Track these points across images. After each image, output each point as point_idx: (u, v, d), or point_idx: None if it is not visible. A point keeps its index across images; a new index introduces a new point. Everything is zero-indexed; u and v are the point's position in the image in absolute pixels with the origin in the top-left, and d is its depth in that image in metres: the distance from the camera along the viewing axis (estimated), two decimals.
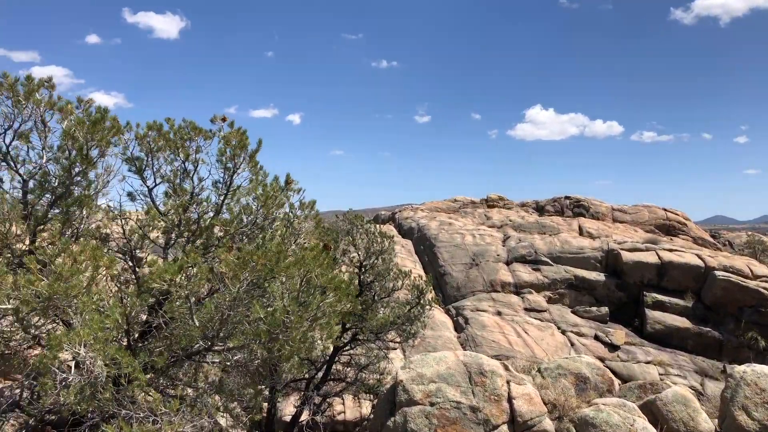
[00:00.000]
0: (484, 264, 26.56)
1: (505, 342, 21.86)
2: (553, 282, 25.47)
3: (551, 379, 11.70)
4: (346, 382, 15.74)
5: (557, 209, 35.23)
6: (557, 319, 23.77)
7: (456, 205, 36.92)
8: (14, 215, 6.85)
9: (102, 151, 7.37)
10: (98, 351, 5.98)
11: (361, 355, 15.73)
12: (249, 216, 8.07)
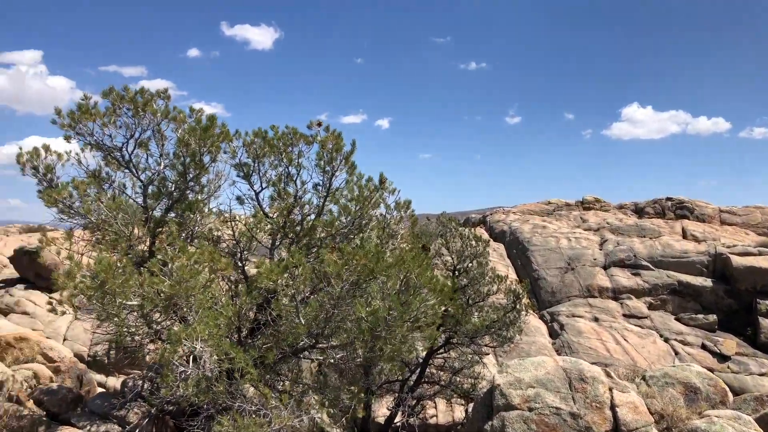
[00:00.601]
0: (579, 268, 25.75)
1: (602, 349, 21.09)
2: (654, 287, 24.30)
3: (657, 388, 11.16)
4: (439, 385, 15.72)
5: (658, 211, 33.60)
6: (659, 326, 22.66)
7: (550, 208, 36.02)
8: (137, 219, 7.38)
9: (213, 156, 7.80)
10: (213, 346, 6.33)
11: (455, 359, 15.67)
12: (347, 217, 8.26)
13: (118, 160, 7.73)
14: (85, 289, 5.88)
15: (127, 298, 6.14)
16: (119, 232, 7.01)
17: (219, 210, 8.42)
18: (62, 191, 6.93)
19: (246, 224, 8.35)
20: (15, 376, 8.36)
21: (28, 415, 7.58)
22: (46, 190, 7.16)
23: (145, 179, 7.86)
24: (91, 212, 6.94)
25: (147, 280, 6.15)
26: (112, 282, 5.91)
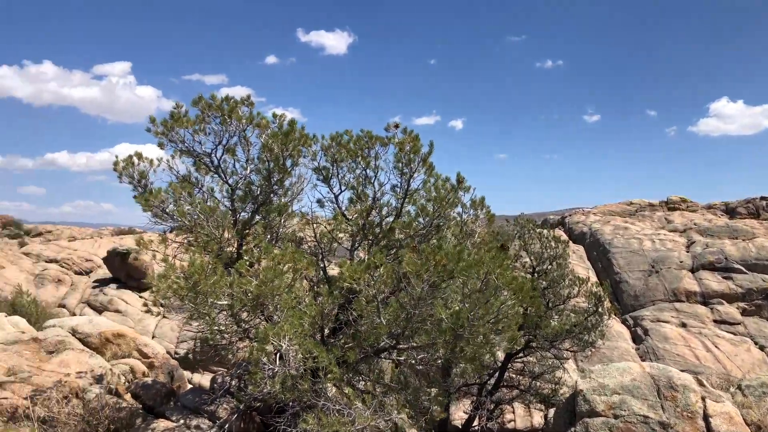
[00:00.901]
0: (665, 271, 24.71)
1: (691, 356, 20.15)
2: (748, 292, 22.99)
3: (754, 398, 10.55)
4: (518, 389, 15.49)
5: (751, 211, 31.76)
6: (754, 332, 21.42)
7: (632, 209, 34.74)
8: (226, 222, 7.70)
9: (294, 160, 8.02)
10: (298, 345, 6.50)
11: (535, 364, 15.39)
12: (425, 217, 8.28)
13: (208, 165, 8.09)
14: (178, 289, 6.18)
15: (217, 298, 6.41)
16: (210, 235, 7.33)
17: (301, 212, 8.66)
18: (157, 196, 7.33)
19: (326, 226, 8.54)
20: (113, 370, 8.89)
21: (126, 407, 8.04)
22: (141, 195, 7.59)
23: (233, 183, 8.18)
24: (185, 216, 7.30)
25: (236, 281, 6.40)
26: (204, 283, 6.19)
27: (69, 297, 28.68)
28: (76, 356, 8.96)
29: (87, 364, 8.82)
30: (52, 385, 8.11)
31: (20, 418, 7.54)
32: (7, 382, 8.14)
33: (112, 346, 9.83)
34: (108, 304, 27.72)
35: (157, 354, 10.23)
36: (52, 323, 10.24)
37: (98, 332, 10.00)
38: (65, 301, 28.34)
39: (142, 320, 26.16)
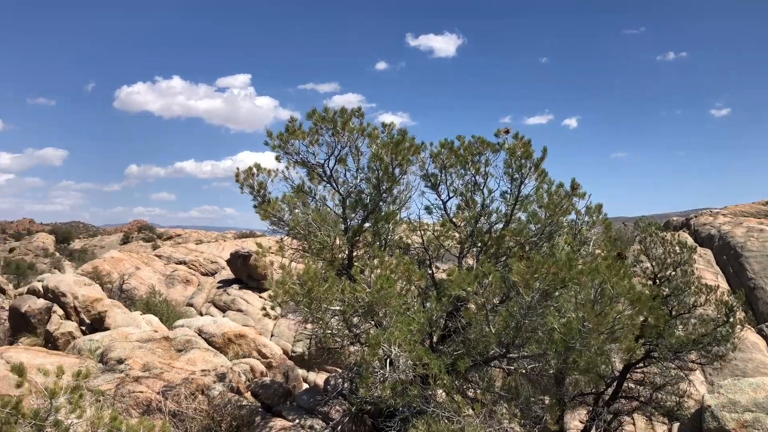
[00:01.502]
0: None
1: None
2: None
3: None
4: (638, 401, 14.69)
5: None
6: None
7: None
8: (338, 230, 7.95)
9: (404, 169, 8.13)
10: (408, 351, 6.59)
11: (656, 374, 14.54)
12: (536, 225, 8.10)
13: (321, 175, 8.39)
14: (294, 295, 6.47)
15: (330, 304, 6.64)
16: (323, 242, 7.61)
17: (409, 219, 8.74)
18: (274, 206, 7.71)
19: (434, 232, 8.57)
20: (235, 369, 9.44)
21: (247, 405, 8.51)
22: (260, 205, 8.02)
23: (344, 192, 8.43)
24: (300, 224, 7.63)
25: (348, 287, 6.59)
26: (317, 289, 6.44)
27: (196, 296, 30.58)
28: (202, 355, 9.60)
29: (211, 363, 9.42)
30: (180, 381, 8.74)
31: (153, 411, 8.19)
32: (143, 377, 8.88)
33: (234, 346, 10.43)
34: (231, 304, 29.27)
35: (274, 354, 10.74)
36: (180, 323, 11.05)
37: (221, 333, 10.66)
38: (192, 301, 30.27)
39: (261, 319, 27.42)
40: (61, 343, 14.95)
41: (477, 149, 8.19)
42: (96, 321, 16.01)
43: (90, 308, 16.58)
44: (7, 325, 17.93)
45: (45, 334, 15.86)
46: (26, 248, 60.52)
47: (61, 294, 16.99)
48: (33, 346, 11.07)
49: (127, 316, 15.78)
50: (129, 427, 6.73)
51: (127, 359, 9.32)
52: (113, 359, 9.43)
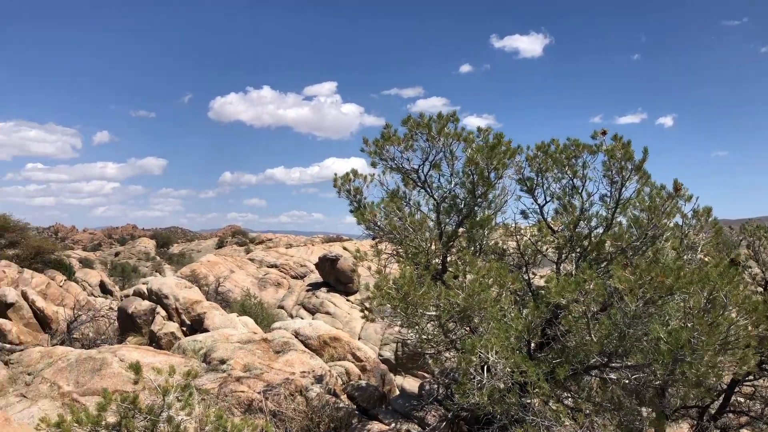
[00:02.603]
0: None
1: None
2: None
3: None
4: (748, 416, 13.78)
5: None
6: None
7: None
8: (433, 235, 7.98)
9: (499, 173, 8.05)
10: (506, 358, 6.50)
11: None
12: (638, 229, 7.77)
13: (415, 180, 8.45)
14: (391, 299, 6.54)
15: (426, 309, 6.66)
16: (418, 247, 7.66)
17: (504, 224, 8.64)
18: (371, 211, 7.84)
19: (530, 237, 8.43)
20: (331, 372, 9.64)
21: (344, 408, 8.67)
22: (356, 209, 8.18)
23: (438, 197, 8.45)
24: (396, 229, 7.71)
25: (443, 293, 6.59)
26: (414, 293, 6.47)
27: (286, 299, 31.45)
28: (299, 357, 9.88)
29: (308, 365, 9.67)
30: (280, 382, 9.02)
31: (255, 411, 8.49)
32: (244, 377, 9.23)
33: (329, 349, 10.67)
34: (319, 306, 29.89)
35: (368, 358, 10.88)
36: (277, 326, 11.41)
37: (317, 335, 10.93)
38: (283, 303, 31.16)
39: (349, 322, 27.88)
40: (164, 342, 15.77)
41: (573, 152, 7.99)
42: (195, 322, 16.80)
43: (190, 310, 17.42)
44: (116, 324, 19.10)
45: (149, 333, 16.80)
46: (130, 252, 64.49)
47: (164, 296, 17.94)
48: (141, 346, 11.76)
49: (224, 318, 16.46)
50: (234, 425, 7.03)
51: (229, 360, 9.72)
52: (216, 359, 9.86)
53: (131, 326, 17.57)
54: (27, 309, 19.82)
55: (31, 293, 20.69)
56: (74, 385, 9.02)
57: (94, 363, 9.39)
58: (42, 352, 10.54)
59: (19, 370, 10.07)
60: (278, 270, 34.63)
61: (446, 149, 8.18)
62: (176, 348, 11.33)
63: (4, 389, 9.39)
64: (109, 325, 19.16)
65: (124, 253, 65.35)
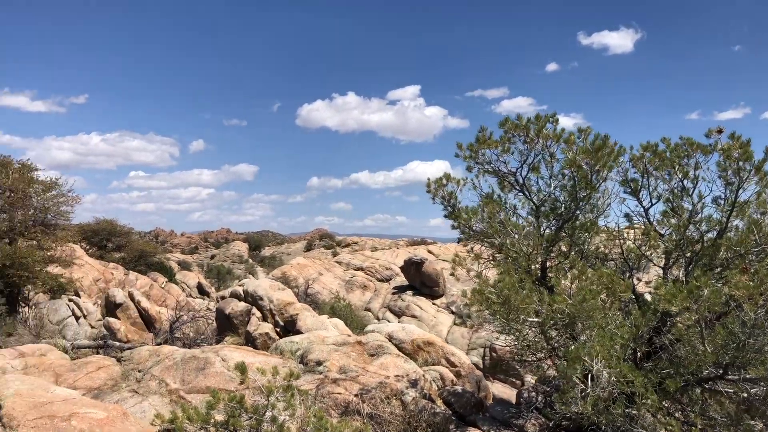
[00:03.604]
0: None
1: None
2: None
3: None
4: None
5: None
6: None
7: None
8: (535, 239, 7.79)
9: (602, 175, 7.75)
10: (611, 367, 6.24)
11: None
12: (759, 233, 7.25)
13: (512, 183, 8.30)
14: (491, 304, 6.43)
15: (528, 315, 6.50)
16: (519, 252, 7.50)
17: (606, 227, 8.32)
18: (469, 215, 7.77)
19: (635, 242, 8.06)
20: (426, 376, 9.61)
21: (440, 413, 8.61)
22: (451, 213, 8.13)
23: (537, 201, 8.25)
24: (497, 233, 7.60)
25: (547, 299, 6.41)
26: (515, 299, 6.34)
27: (373, 302, 31.72)
28: (394, 360, 9.91)
29: (403, 369, 9.69)
30: (375, 385, 9.08)
31: (351, 413, 8.59)
32: (340, 379, 9.36)
33: (423, 353, 10.65)
34: (405, 310, 29.95)
35: (463, 363, 10.79)
36: (370, 329, 11.52)
37: (411, 339, 10.94)
38: (370, 305, 31.48)
39: (435, 326, 27.78)
40: (259, 342, 16.28)
41: (685, 151, 7.57)
42: (288, 323, 17.25)
43: (283, 311, 17.89)
44: (214, 325, 19.92)
45: (245, 334, 17.39)
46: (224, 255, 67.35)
47: (259, 298, 18.52)
48: (241, 346, 12.18)
49: (315, 320, 16.80)
50: (333, 427, 7.15)
51: (325, 361, 9.90)
52: (312, 361, 10.06)
53: (228, 326, 18.25)
54: (133, 309, 21.07)
55: (136, 294, 21.97)
56: (180, 383, 9.43)
57: (198, 362, 9.79)
58: (150, 351, 11.13)
59: (130, 366, 10.66)
60: (364, 273, 35.00)
61: (545, 151, 7.97)
62: (273, 348, 11.66)
63: (117, 384, 9.97)
64: (208, 326, 19.97)
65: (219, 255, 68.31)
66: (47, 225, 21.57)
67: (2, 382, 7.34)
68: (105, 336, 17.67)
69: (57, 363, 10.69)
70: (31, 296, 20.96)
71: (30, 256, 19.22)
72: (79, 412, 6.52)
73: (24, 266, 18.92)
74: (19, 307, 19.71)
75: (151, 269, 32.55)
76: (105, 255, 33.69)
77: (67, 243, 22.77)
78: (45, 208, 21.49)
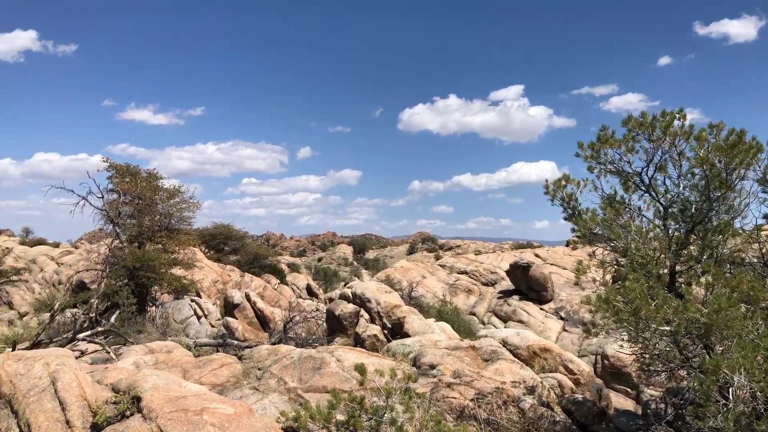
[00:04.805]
0: None
1: None
2: None
3: None
4: None
5: None
6: None
7: None
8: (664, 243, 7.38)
9: (739, 173, 7.21)
10: (757, 381, 5.77)
11: None
12: None
13: (637, 184, 7.92)
14: (618, 312, 6.14)
15: (659, 324, 6.15)
16: (646, 257, 7.13)
17: (742, 229, 7.73)
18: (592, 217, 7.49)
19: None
20: (543, 383, 9.35)
21: (560, 422, 8.36)
22: (571, 216, 7.87)
23: (665, 202, 7.81)
24: (620, 237, 7.27)
25: (680, 307, 6.04)
26: (646, 308, 6.01)
27: (478, 306, 31.35)
28: (509, 366, 9.73)
29: (519, 375, 9.49)
30: (491, 390, 8.95)
31: (467, 418, 8.51)
32: (454, 383, 9.30)
33: (539, 360, 10.39)
34: (512, 315, 29.39)
35: (582, 371, 10.41)
36: (483, 334, 11.39)
37: (526, 345, 10.71)
38: (474, 310, 31.12)
39: (543, 332, 27.00)
40: (367, 344, 16.51)
41: None
42: (396, 325, 17.40)
43: (390, 313, 18.08)
44: (324, 325, 20.46)
45: (354, 335, 17.72)
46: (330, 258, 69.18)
47: (367, 300, 18.82)
48: (354, 347, 12.41)
49: (422, 323, 16.83)
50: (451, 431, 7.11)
51: (438, 365, 9.88)
52: (425, 364, 10.08)
53: (338, 327, 18.68)
54: (249, 309, 22.07)
55: (252, 295, 23.01)
56: (298, 382, 9.73)
57: (314, 362, 10.06)
58: (269, 350, 11.59)
59: (251, 365, 11.15)
60: (468, 276, 34.67)
61: (673, 149, 7.53)
62: (385, 350, 11.79)
63: (239, 382, 10.44)
64: (318, 326, 20.53)
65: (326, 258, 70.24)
66: (171, 230, 23.10)
67: (141, 376, 7.88)
68: (224, 335, 18.60)
69: (183, 360, 11.33)
70: (158, 296, 22.48)
71: (157, 258, 20.65)
72: (210, 407, 6.85)
73: (151, 268, 20.37)
74: (147, 306, 21.21)
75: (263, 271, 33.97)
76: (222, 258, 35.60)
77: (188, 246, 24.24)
78: (169, 214, 23.03)
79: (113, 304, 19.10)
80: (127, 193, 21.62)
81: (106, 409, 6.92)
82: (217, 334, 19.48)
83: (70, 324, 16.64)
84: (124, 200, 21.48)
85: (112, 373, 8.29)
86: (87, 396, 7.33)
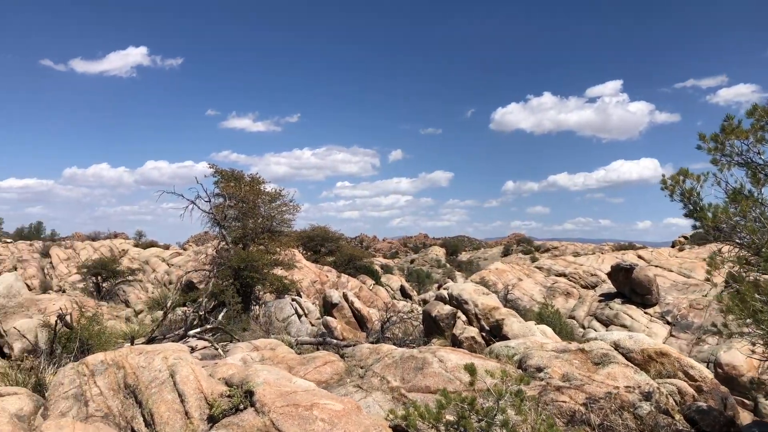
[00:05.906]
0: None
1: None
2: None
3: None
4: None
5: None
6: None
7: None
8: None
9: None
10: None
11: None
12: None
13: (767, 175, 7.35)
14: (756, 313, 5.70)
15: None
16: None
17: None
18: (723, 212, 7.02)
19: None
20: (661, 389, 8.85)
21: (682, 430, 7.86)
22: (693, 212, 7.40)
23: None
24: (755, 233, 6.77)
25: None
26: None
27: (577, 309, 30.34)
28: (622, 370, 9.28)
29: (633, 380, 9.03)
30: (603, 395, 8.57)
31: (578, 423, 8.19)
32: (563, 386, 8.99)
33: (655, 364, 9.85)
34: (614, 318, 28.25)
35: (704, 378, 9.77)
36: (593, 336, 10.93)
37: (640, 349, 10.18)
38: (574, 313, 30.12)
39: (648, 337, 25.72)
40: (465, 346, 16.33)
41: None
42: (494, 328, 17.11)
43: (488, 315, 17.81)
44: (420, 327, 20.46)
45: (451, 336, 17.58)
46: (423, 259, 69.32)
47: (464, 301, 18.64)
48: (454, 348, 12.30)
49: (522, 326, 16.45)
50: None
51: (546, 368, 9.58)
52: (532, 366, 9.80)
53: (434, 328, 18.61)
54: (347, 309, 22.45)
55: (350, 295, 23.39)
56: (400, 381, 9.74)
57: (416, 362, 10.03)
58: (370, 349, 11.68)
59: (353, 363, 11.28)
60: (567, 279, 33.65)
61: None
62: (488, 352, 11.59)
63: (342, 379, 10.59)
64: (414, 327, 20.56)
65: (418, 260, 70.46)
66: (273, 231, 23.91)
67: (252, 371, 8.15)
68: (324, 333, 18.97)
69: (288, 357, 11.64)
70: (261, 296, 23.32)
71: (260, 259, 21.44)
72: (319, 403, 6.96)
73: (255, 268, 21.17)
74: (251, 305, 22.05)
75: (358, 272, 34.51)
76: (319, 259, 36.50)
77: (289, 248, 25.01)
78: (271, 217, 23.87)
79: (220, 302, 19.99)
80: (232, 196, 22.61)
81: (222, 402, 7.19)
82: (316, 333, 19.91)
83: (181, 321, 17.55)
84: (229, 204, 22.48)
85: (222, 368, 8.60)
86: (203, 389, 7.65)
